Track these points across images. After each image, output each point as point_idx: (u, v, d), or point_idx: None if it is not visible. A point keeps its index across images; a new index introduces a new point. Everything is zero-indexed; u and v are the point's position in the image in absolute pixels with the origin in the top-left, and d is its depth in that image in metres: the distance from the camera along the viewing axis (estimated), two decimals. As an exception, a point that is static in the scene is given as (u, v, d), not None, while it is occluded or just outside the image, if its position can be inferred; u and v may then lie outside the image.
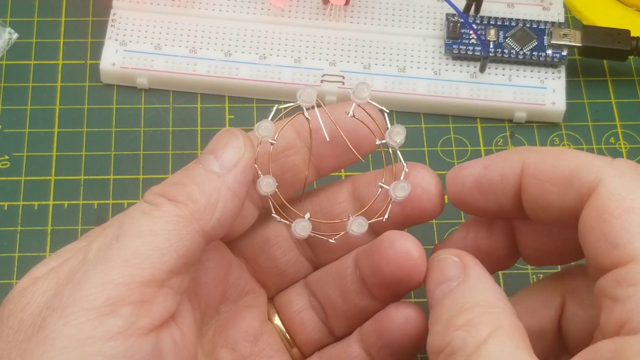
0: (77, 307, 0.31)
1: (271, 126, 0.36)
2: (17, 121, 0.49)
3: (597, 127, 0.50)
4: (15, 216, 0.47)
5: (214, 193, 0.34)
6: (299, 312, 0.39)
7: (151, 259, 0.32)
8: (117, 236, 0.32)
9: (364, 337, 0.38)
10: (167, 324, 0.33)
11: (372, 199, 0.37)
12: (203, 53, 0.50)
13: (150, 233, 0.32)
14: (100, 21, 0.52)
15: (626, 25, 0.50)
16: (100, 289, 0.31)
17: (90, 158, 0.48)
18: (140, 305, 0.31)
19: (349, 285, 0.38)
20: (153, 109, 0.50)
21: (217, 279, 0.37)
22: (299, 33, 0.51)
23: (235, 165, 0.34)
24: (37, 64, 0.51)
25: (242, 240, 0.39)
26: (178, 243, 0.32)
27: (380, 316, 0.37)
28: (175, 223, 0.33)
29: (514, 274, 0.46)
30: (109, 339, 0.31)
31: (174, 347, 0.33)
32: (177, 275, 0.33)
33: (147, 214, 0.33)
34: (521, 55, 0.50)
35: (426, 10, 0.52)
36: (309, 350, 0.39)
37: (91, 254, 0.32)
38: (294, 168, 0.38)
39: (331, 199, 0.39)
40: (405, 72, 0.50)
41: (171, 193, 0.33)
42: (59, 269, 0.33)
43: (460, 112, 0.50)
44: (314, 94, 0.37)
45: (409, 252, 0.36)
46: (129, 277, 0.31)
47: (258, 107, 0.50)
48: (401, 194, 0.37)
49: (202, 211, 0.33)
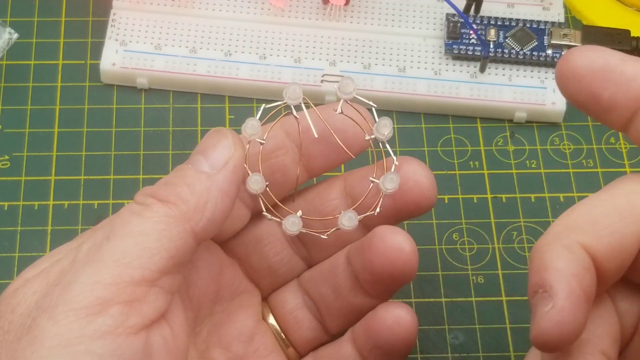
0: (66, 307, 0.31)
1: (257, 124, 0.36)
2: (17, 121, 0.49)
3: (597, 127, 0.50)
4: (15, 216, 0.47)
5: (204, 193, 0.34)
6: (293, 311, 0.39)
7: (141, 259, 0.32)
8: (107, 237, 0.32)
9: (355, 337, 0.38)
10: (158, 323, 0.33)
11: (363, 194, 0.37)
12: (203, 53, 0.50)
13: (140, 233, 0.32)
14: (100, 21, 0.52)
15: (626, 25, 0.51)
16: (89, 289, 0.31)
17: (90, 158, 0.48)
18: (130, 304, 0.31)
19: (342, 283, 0.38)
20: (153, 109, 0.50)
21: (208, 279, 0.37)
22: (299, 33, 0.51)
23: (224, 165, 0.34)
24: (37, 64, 0.51)
25: (235, 240, 0.39)
26: (169, 243, 0.32)
27: (370, 317, 0.37)
28: (165, 223, 0.33)
29: (514, 274, 0.46)
30: (98, 338, 0.31)
31: (164, 345, 0.33)
32: (167, 275, 0.33)
33: (138, 214, 0.33)
34: (521, 55, 0.50)
35: (426, 10, 0.52)
36: (304, 349, 0.39)
37: (81, 255, 0.32)
38: (284, 168, 0.38)
39: (323, 196, 0.39)
40: (405, 72, 0.50)
41: (161, 194, 0.33)
42: (50, 270, 0.33)
43: (460, 112, 0.50)
44: (299, 90, 0.37)
45: (400, 246, 0.35)
46: (118, 276, 0.31)
47: (258, 107, 0.50)
48: (390, 186, 0.36)
49: (193, 211, 0.33)
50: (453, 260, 0.46)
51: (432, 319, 0.45)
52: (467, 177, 0.49)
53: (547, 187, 0.48)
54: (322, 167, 0.39)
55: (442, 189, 0.46)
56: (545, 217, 0.48)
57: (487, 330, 0.45)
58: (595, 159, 0.49)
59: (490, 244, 0.47)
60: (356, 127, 0.37)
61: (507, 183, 0.48)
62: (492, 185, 0.48)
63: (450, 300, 0.45)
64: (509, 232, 0.47)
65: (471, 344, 0.44)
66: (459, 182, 0.48)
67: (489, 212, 0.48)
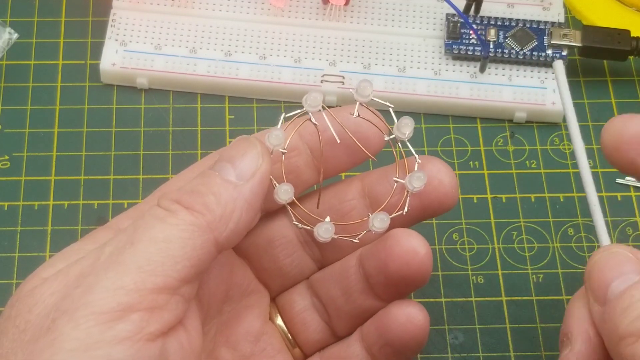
0: (87, 310, 0.31)
1: (282, 134, 0.36)
2: (17, 121, 0.49)
3: (597, 127, 0.50)
4: (15, 216, 0.47)
5: (230, 203, 0.33)
6: (301, 313, 0.39)
7: (164, 266, 0.32)
8: (131, 241, 0.32)
9: (365, 335, 0.37)
10: (175, 329, 0.33)
11: (384, 194, 0.37)
12: (203, 53, 0.50)
13: (164, 240, 0.32)
14: (100, 21, 0.52)
15: (626, 25, 0.50)
16: (111, 294, 0.31)
17: (90, 158, 0.48)
18: (151, 311, 0.31)
19: (353, 285, 0.37)
20: (153, 109, 0.50)
21: (219, 280, 0.37)
22: (299, 33, 0.51)
23: (252, 176, 0.34)
24: (37, 64, 0.51)
25: (246, 241, 0.38)
26: (192, 252, 0.32)
27: (382, 314, 0.37)
28: (190, 232, 0.32)
29: (514, 274, 0.46)
30: (117, 344, 0.30)
31: (180, 350, 0.33)
32: (188, 284, 0.33)
33: (163, 220, 0.33)
34: (521, 55, 0.50)
35: (426, 10, 0.52)
36: (311, 350, 0.39)
37: (103, 258, 0.32)
38: (297, 170, 0.38)
39: (340, 196, 0.38)
40: (405, 72, 0.50)
41: (188, 201, 0.33)
42: (68, 271, 0.33)
43: (460, 112, 0.50)
44: (320, 98, 0.36)
45: (416, 249, 0.35)
46: (141, 283, 0.31)
47: (258, 107, 0.50)
48: (418, 184, 0.36)
49: (218, 221, 0.33)
50: (453, 260, 0.46)
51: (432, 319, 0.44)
52: (467, 177, 0.49)
53: (547, 187, 0.48)
54: (339, 169, 0.38)
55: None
56: (545, 217, 0.48)
57: (487, 330, 0.45)
58: (595, 159, 0.49)
59: (490, 244, 0.47)
60: (372, 127, 0.37)
61: (507, 183, 0.49)
62: (492, 185, 0.48)
63: (450, 300, 0.45)
64: (509, 232, 0.47)
65: (471, 344, 0.44)
66: (459, 182, 0.48)
67: (489, 212, 0.48)
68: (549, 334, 0.45)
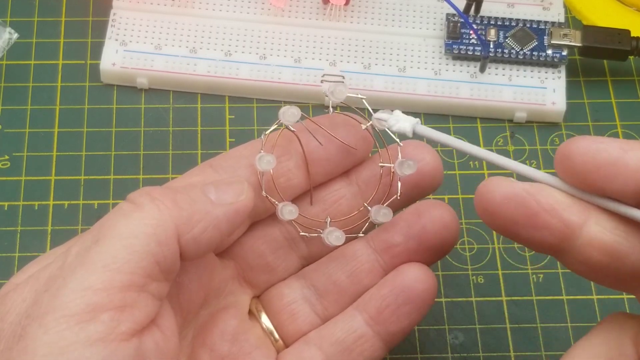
0: (57, 314, 0.30)
1: (273, 160, 0.37)
2: (17, 121, 0.49)
3: (597, 127, 0.50)
4: (15, 216, 0.47)
5: (200, 212, 0.34)
6: (289, 305, 0.39)
7: (130, 263, 0.32)
8: (96, 239, 0.32)
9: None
10: (149, 328, 0.33)
11: (372, 180, 0.39)
12: (203, 53, 0.50)
13: (129, 236, 0.32)
14: (100, 21, 0.52)
15: (626, 25, 0.50)
16: (80, 295, 0.31)
17: (90, 158, 0.48)
18: (121, 310, 0.31)
19: (360, 265, 0.39)
20: (153, 109, 0.50)
21: (198, 285, 0.37)
22: (299, 33, 0.51)
23: (229, 204, 0.35)
24: (37, 64, 0.51)
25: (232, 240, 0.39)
26: (156, 248, 0.32)
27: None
28: (154, 227, 0.32)
29: (514, 274, 0.46)
30: (91, 345, 0.30)
31: (156, 350, 0.33)
32: (155, 282, 0.33)
33: (127, 215, 0.33)
34: (521, 55, 0.50)
35: (426, 10, 0.52)
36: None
37: (70, 259, 0.32)
38: (288, 173, 0.38)
39: (327, 186, 0.39)
40: (405, 72, 0.50)
41: (159, 193, 0.33)
42: (38, 276, 0.33)
43: (460, 112, 0.50)
44: (298, 114, 0.38)
45: (452, 214, 0.38)
46: (108, 282, 0.31)
47: (258, 107, 0.50)
48: (408, 172, 0.38)
49: (184, 222, 0.33)
50: (453, 260, 0.46)
51: (432, 319, 0.45)
52: (467, 177, 0.49)
53: (547, 187, 0.48)
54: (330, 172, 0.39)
55: (442, 189, 0.46)
56: (545, 217, 0.48)
57: (487, 330, 0.45)
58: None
59: (490, 244, 0.47)
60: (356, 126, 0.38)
61: (507, 183, 0.48)
62: (492, 185, 0.48)
63: (450, 300, 0.45)
64: (509, 232, 0.47)
65: (471, 344, 0.44)
66: (459, 182, 0.48)
67: (489, 212, 0.48)
68: (549, 334, 0.45)
